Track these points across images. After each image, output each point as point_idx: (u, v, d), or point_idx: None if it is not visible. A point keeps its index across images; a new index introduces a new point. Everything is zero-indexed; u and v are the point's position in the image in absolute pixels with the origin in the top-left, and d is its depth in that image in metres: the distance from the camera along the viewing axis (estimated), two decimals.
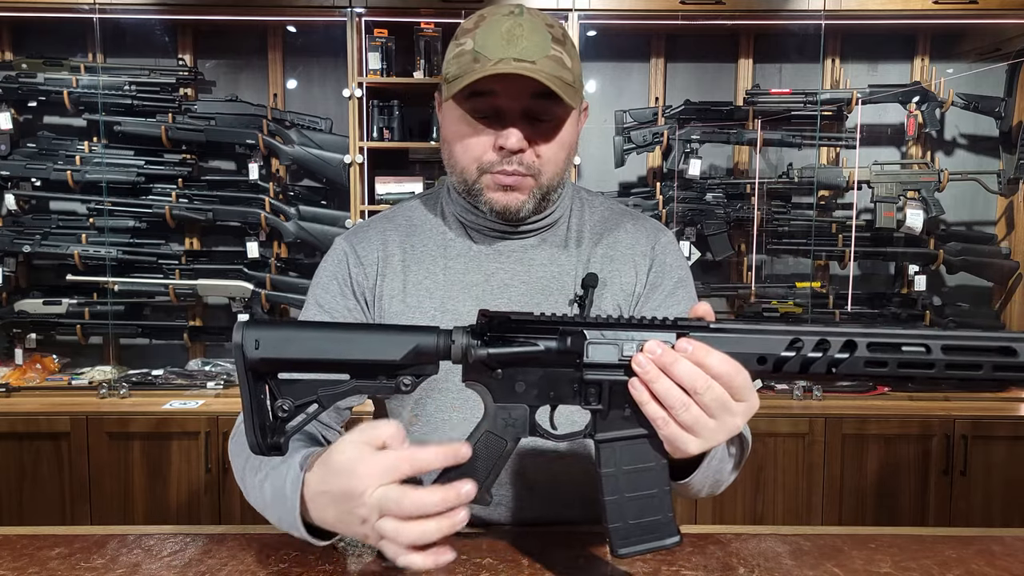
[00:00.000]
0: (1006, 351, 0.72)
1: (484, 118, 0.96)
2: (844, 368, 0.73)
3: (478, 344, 0.74)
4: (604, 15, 2.63)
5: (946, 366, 0.72)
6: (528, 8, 0.96)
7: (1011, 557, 0.89)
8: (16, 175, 2.74)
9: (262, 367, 0.73)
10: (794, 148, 2.77)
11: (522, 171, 0.96)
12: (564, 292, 1.04)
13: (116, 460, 2.43)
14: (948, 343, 0.72)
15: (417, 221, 1.09)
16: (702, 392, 0.69)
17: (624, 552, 0.76)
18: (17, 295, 2.81)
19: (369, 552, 0.88)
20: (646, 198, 2.81)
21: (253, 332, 0.72)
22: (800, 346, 0.73)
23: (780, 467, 2.46)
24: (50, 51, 2.76)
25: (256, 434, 0.73)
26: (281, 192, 2.81)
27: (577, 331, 0.74)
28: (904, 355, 0.72)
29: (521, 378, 0.76)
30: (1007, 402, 2.62)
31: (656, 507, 0.76)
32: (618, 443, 0.76)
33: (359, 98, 2.62)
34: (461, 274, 1.04)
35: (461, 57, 0.93)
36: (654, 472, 0.76)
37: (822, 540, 0.93)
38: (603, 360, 0.74)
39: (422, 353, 0.74)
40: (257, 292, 2.72)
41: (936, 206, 2.71)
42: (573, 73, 0.95)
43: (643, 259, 1.07)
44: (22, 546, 0.90)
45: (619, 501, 0.76)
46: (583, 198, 1.13)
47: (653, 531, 0.76)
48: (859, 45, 2.89)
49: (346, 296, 1.04)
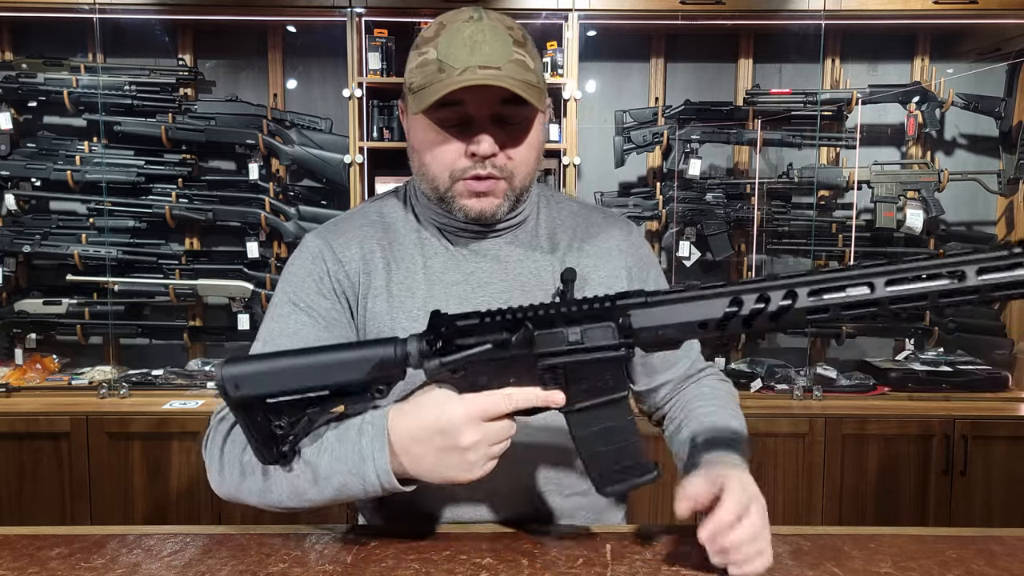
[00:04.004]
0: (954, 275, 0.70)
1: (453, 126, 0.96)
2: (787, 319, 0.74)
3: (430, 352, 0.80)
4: (604, 15, 2.63)
5: (890, 301, 0.71)
6: (487, 11, 0.96)
7: (1011, 557, 0.89)
8: (16, 175, 2.74)
9: (246, 401, 0.80)
10: (794, 148, 2.77)
11: (496, 174, 0.97)
12: (543, 288, 1.05)
13: (116, 460, 2.43)
14: (891, 276, 0.71)
15: (390, 220, 1.09)
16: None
17: (609, 490, 0.84)
18: (17, 295, 2.81)
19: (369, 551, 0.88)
20: (646, 198, 2.81)
21: (232, 373, 0.79)
22: (740, 304, 0.75)
23: (780, 467, 2.46)
24: (50, 51, 2.76)
25: (262, 451, 0.82)
26: (281, 192, 2.81)
27: (524, 326, 0.79)
28: (846, 297, 0.72)
29: (482, 372, 0.81)
30: (1007, 402, 2.62)
31: (628, 454, 0.83)
32: (584, 412, 0.82)
33: (359, 98, 2.62)
34: (441, 273, 1.04)
35: (425, 67, 0.93)
36: (621, 426, 0.83)
37: (822, 540, 0.93)
38: (552, 348, 0.80)
39: (385, 365, 0.80)
40: (257, 292, 2.72)
41: (936, 206, 2.71)
42: (536, 73, 0.96)
43: (619, 253, 1.10)
44: (22, 546, 0.90)
45: (592, 454, 0.83)
46: (548, 196, 1.15)
47: (630, 471, 0.84)
48: (859, 45, 2.89)
49: (324, 295, 1.02)
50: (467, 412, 0.79)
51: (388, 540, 0.92)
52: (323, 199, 2.86)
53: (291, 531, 0.94)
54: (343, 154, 2.67)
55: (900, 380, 2.66)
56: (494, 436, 0.80)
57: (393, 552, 0.88)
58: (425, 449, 0.81)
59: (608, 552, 0.88)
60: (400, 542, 0.91)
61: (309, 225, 2.73)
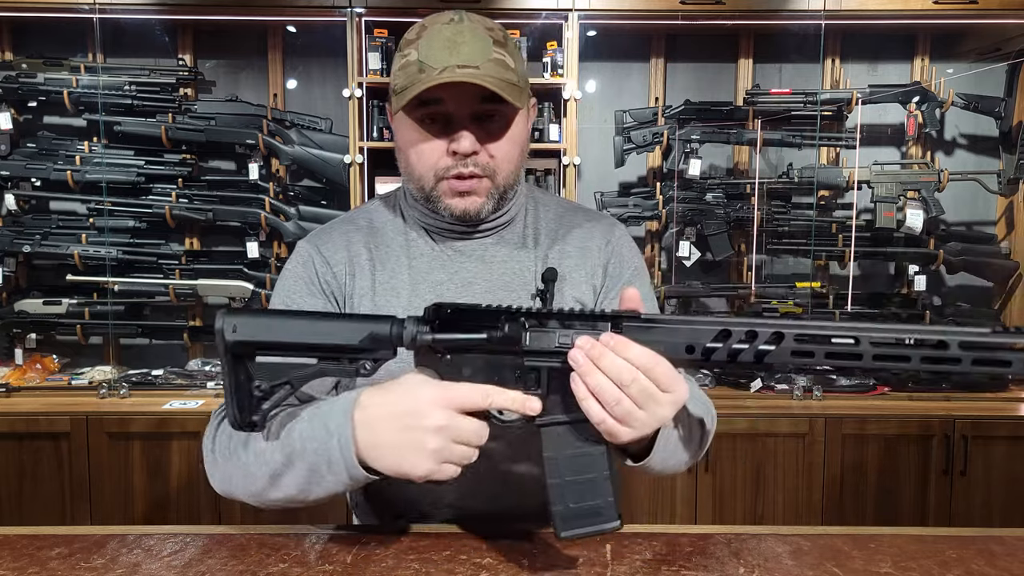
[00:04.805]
0: (938, 345, 0.72)
1: (435, 124, 0.98)
2: (771, 358, 0.75)
3: (426, 330, 0.81)
4: (604, 15, 2.63)
5: (874, 357, 0.73)
6: (468, 14, 0.98)
7: (1011, 557, 0.89)
8: (16, 175, 2.74)
9: (240, 349, 0.81)
10: (794, 148, 2.77)
11: (478, 172, 0.99)
12: (526, 287, 1.07)
13: (116, 460, 2.43)
14: (876, 337, 0.73)
15: (378, 223, 1.12)
16: (629, 384, 0.75)
17: (566, 535, 0.81)
18: (17, 295, 2.81)
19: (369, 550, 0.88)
20: (646, 198, 2.81)
21: (232, 318, 0.81)
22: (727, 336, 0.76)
23: (780, 467, 2.46)
24: (50, 51, 2.76)
25: (235, 410, 0.82)
26: (281, 192, 2.81)
27: (517, 320, 0.80)
28: (832, 346, 0.74)
29: (468, 364, 0.83)
30: (1007, 402, 2.62)
31: (596, 491, 0.81)
32: (559, 427, 0.81)
33: (359, 98, 2.62)
34: (425, 273, 1.07)
35: (407, 68, 0.96)
36: (593, 457, 0.81)
37: (822, 540, 0.93)
38: (540, 347, 0.80)
39: (377, 338, 0.81)
40: (257, 292, 2.72)
41: (936, 206, 2.71)
42: (517, 73, 0.98)
43: (599, 253, 1.11)
44: (22, 546, 0.90)
45: (561, 484, 0.81)
46: (536, 198, 1.17)
47: (594, 515, 0.81)
48: (859, 45, 2.89)
49: (314, 295, 1.05)
50: (441, 396, 0.78)
51: (388, 540, 0.92)
52: (323, 199, 2.86)
53: (291, 531, 0.94)
54: (343, 154, 2.67)
55: (900, 380, 2.66)
56: (462, 432, 0.78)
57: (393, 552, 0.88)
58: (388, 426, 0.79)
59: (608, 552, 0.88)
60: (400, 542, 0.91)
61: (309, 225, 2.73)
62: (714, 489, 2.46)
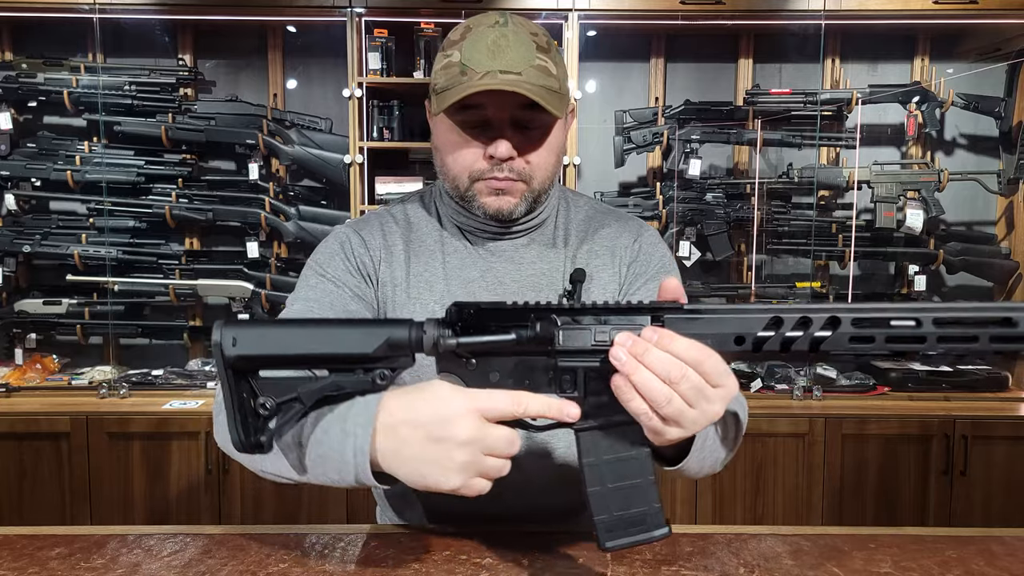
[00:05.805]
0: (1004, 322, 0.68)
1: (474, 128, 0.98)
2: (828, 345, 0.70)
3: (449, 334, 0.74)
4: (604, 15, 2.63)
5: (938, 339, 0.69)
6: (513, 17, 0.97)
7: (1011, 557, 0.89)
8: (16, 175, 2.74)
9: (241, 364, 0.73)
10: (794, 148, 2.77)
11: (513, 177, 1.00)
12: (554, 288, 1.08)
13: (116, 460, 2.43)
14: (939, 316, 0.69)
15: (414, 219, 1.12)
16: (678, 382, 0.69)
17: (611, 545, 0.74)
18: (17, 295, 2.81)
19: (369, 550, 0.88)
20: (646, 198, 2.81)
21: (231, 330, 0.73)
22: (779, 324, 0.71)
23: (780, 467, 2.46)
24: (50, 51, 2.76)
25: (239, 431, 0.73)
26: (281, 192, 2.81)
27: (548, 317, 0.73)
28: (892, 329, 0.70)
29: (495, 367, 0.76)
30: (1007, 402, 2.61)
31: (641, 497, 0.75)
32: (598, 432, 0.76)
33: (359, 98, 2.62)
34: (459, 270, 1.07)
35: (449, 69, 0.95)
36: (637, 461, 0.75)
37: (822, 540, 0.93)
38: (576, 346, 0.73)
39: (395, 345, 0.74)
40: (257, 292, 2.72)
41: (936, 206, 2.71)
42: (559, 79, 0.97)
43: (626, 253, 1.11)
44: (22, 546, 0.90)
45: (602, 492, 0.75)
46: (568, 198, 1.17)
47: (640, 523, 0.75)
48: (859, 45, 2.89)
49: (351, 273, 1.05)
50: (470, 405, 0.71)
51: (388, 540, 0.92)
52: (323, 199, 2.86)
53: (291, 531, 0.94)
54: (343, 154, 2.67)
55: (900, 380, 2.66)
56: (492, 443, 0.72)
57: (393, 552, 0.88)
58: (413, 434, 0.72)
59: (608, 552, 0.88)
60: (400, 542, 0.91)
61: (309, 225, 2.73)
62: (714, 489, 2.46)
